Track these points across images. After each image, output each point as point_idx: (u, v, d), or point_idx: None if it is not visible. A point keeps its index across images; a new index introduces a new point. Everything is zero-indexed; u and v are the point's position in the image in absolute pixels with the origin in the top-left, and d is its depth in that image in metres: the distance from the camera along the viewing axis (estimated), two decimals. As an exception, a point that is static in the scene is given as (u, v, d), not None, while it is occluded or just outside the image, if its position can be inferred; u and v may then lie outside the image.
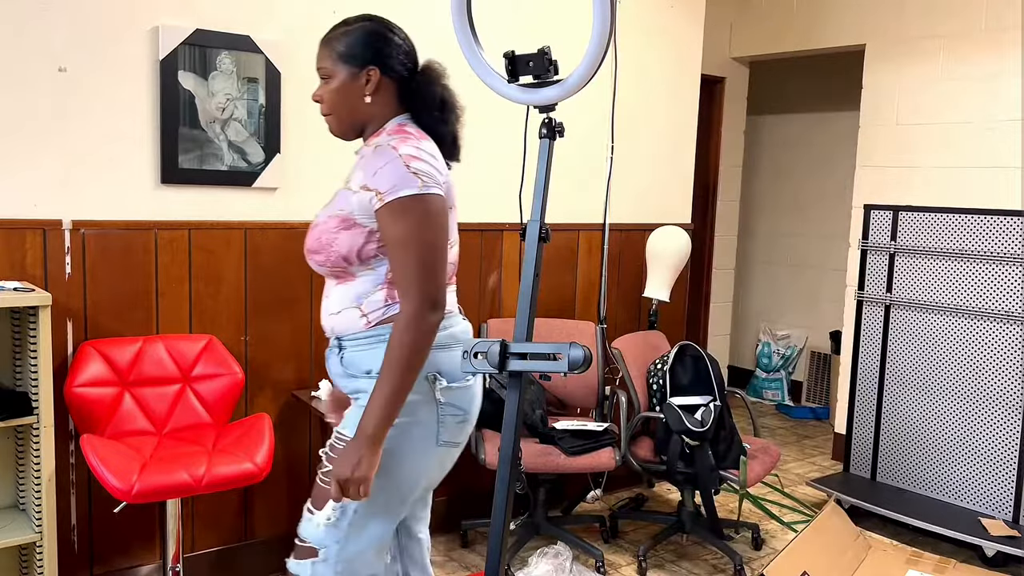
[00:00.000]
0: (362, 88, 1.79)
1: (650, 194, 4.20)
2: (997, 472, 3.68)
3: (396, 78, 1.82)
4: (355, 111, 1.82)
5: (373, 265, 1.77)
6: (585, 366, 1.52)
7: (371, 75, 1.79)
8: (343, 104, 1.81)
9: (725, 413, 3.42)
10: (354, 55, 1.79)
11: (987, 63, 4.17)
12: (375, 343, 1.77)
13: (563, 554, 3.29)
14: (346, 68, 1.80)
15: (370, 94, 1.79)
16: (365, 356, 1.78)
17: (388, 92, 1.82)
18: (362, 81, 1.79)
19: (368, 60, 1.79)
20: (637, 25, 4.03)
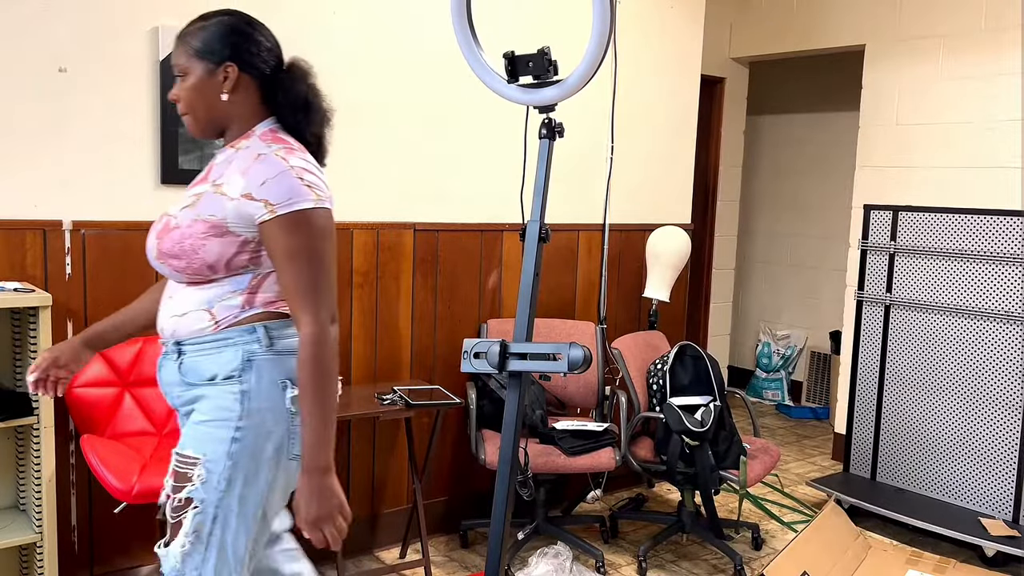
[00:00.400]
0: (219, 85, 1.70)
1: (650, 194, 4.20)
2: (997, 472, 3.68)
3: (257, 76, 1.73)
4: (212, 109, 1.72)
5: (239, 273, 1.69)
6: (585, 366, 1.53)
7: (228, 72, 1.70)
8: (200, 102, 1.71)
9: (725, 413, 3.43)
10: (211, 51, 1.69)
11: (987, 63, 4.17)
12: (222, 347, 1.67)
13: (563, 554, 3.29)
14: (202, 64, 1.70)
15: (228, 92, 1.70)
16: (209, 361, 1.68)
17: (248, 90, 1.73)
18: (219, 78, 1.70)
19: (225, 56, 1.69)
20: (637, 25, 4.03)
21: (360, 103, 3.23)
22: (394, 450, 3.46)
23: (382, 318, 3.36)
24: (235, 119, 1.74)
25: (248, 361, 1.67)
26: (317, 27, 3.08)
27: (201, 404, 1.69)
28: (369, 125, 3.26)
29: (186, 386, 1.70)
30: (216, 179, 1.70)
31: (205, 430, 1.67)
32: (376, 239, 3.31)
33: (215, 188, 1.68)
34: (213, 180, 1.70)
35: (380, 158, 3.30)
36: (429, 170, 3.44)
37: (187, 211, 1.69)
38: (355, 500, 3.37)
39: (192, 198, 1.71)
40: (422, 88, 3.38)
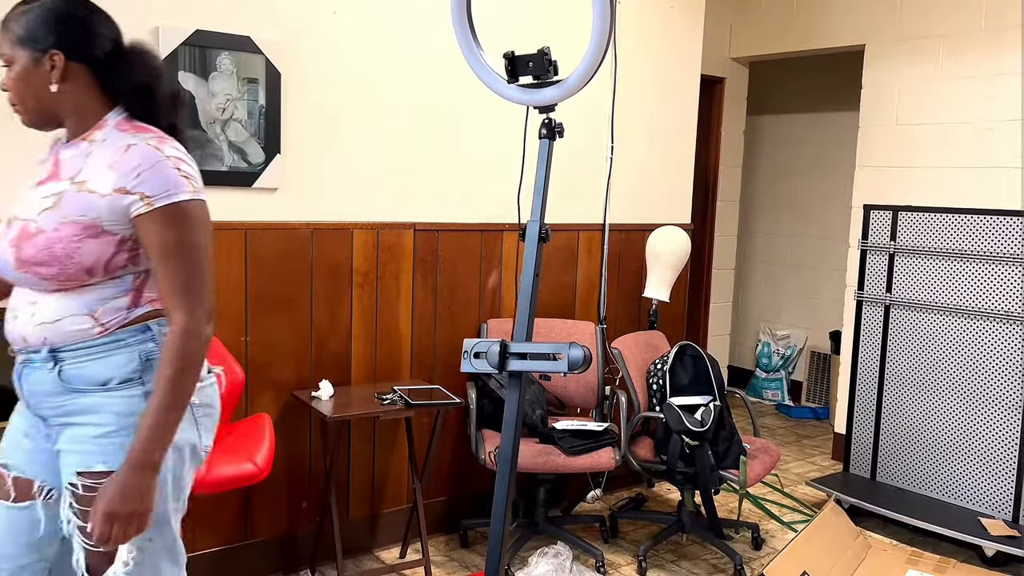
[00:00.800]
0: (46, 75, 1.56)
1: (650, 194, 4.20)
2: (997, 472, 3.68)
3: (90, 63, 1.60)
4: (42, 100, 1.59)
5: (118, 275, 1.59)
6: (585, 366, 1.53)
7: (55, 60, 1.56)
8: (28, 93, 1.58)
9: (725, 413, 3.43)
10: (34, 38, 1.55)
11: (987, 63, 4.17)
12: (113, 350, 1.58)
13: (563, 554, 3.29)
14: (26, 52, 1.56)
15: (56, 82, 1.57)
16: (99, 365, 1.58)
17: (80, 79, 1.59)
18: (46, 67, 1.56)
19: (50, 43, 1.55)
20: (637, 25, 4.03)
21: (360, 103, 3.23)
22: (394, 450, 3.46)
23: (382, 318, 3.36)
24: (72, 110, 1.61)
25: (147, 361, 1.60)
26: (317, 27, 3.08)
27: (96, 416, 1.58)
28: (369, 125, 3.26)
29: (71, 394, 1.58)
30: (74, 176, 1.57)
31: (114, 441, 1.57)
32: (376, 239, 3.31)
33: (77, 186, 1.56)
34: (71, 177, 1.58)
35: (380, 158, 3.30)
36: (429, 170, 3.44)
37: (48, 214, 1.55)
38: (355, 500, 3.38)
39: (50, 199, 1.56)
40: (422, 88, 3.38)
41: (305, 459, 3.23)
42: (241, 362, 2.96)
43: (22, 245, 1.56)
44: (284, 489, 3.19)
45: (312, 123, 3.11)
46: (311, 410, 3.05)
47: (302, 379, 3.17)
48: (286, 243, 3.07)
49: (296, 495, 3.22)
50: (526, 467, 3.18)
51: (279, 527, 3.18)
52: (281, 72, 3.00)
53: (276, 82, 2.99)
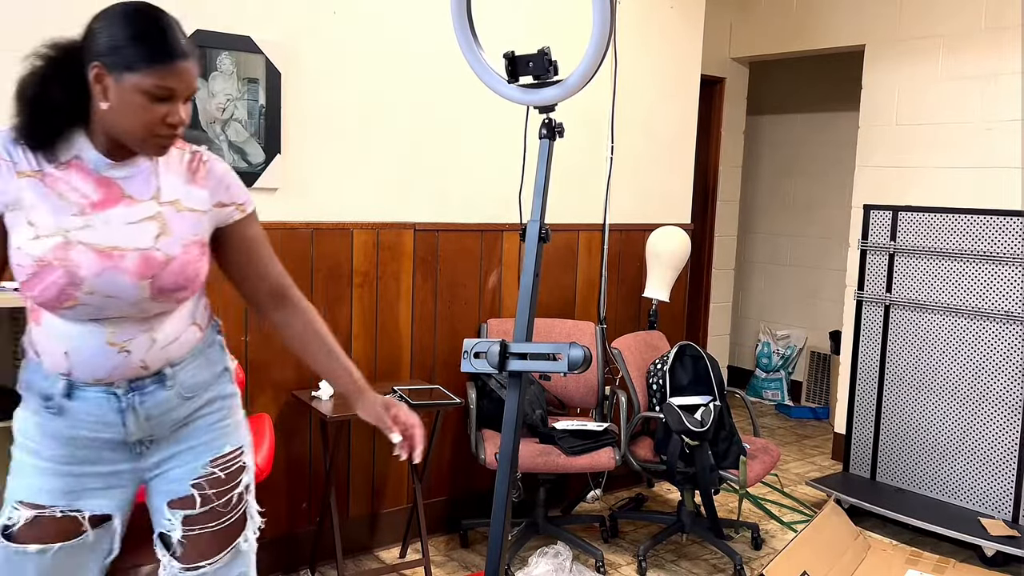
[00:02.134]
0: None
1: (650, 194, 4.20)
2: (997, 472, 3.68)
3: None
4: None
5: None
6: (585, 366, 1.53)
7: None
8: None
9: (725, 413, 3.43)
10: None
11: (987, 63, 4.18)
12: (208, 347, 1.69)
13: (563, 554, 3.29)
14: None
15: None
16: (205, 365, 1.67)
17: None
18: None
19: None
20: (637, 25, 4.03)
21: (360, 103, 3.23)
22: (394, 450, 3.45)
23: (382, 318, 3.36)
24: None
25: (222, 346, 1.74)
26: (317, 27, 3.08)
27: (208, 408, 1.69)
28: (369, 125, 3.26)
29: (186, 401, 1.64)
30: (156, 196, 1.56)
31: (229, 423, 1.71)
32: (376, 239, 3.31)
33: (172, 206, 1.57)
34: (154, 198, 1.55)
35: (380, 158, 3.31)
36: (429, 170, 3.44)
37: (165, 239, 1.54)
38: (355, 500, 3.38)
39: (152, 223, 1.54)
40: (422, 88, 3.38)
41: (305, 459, 3.23)
42: (241, 362, 2.96)
43: (160, 275, 1.53)
44: (284, 489, 3.19)
45: (312, 123, 3.11)
46: (311, 410, 3.05)
47: (302, 379, 3.17)
48: (286, 243, 3.07)
49: (296, 495, 3.22)
50: (526, 467, 3.18)
51: (279, 527, 3.18)
52: (281, 72, 3.00)
53: (276, 82, 2.99)
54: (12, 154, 1.48)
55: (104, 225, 1.50)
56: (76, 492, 1.59)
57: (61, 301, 1.48)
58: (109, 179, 1.53)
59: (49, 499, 1.57)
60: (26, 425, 1.59)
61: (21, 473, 1.58)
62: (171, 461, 1.65)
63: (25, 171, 1.48)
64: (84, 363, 1.52)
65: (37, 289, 1.47)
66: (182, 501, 1.65)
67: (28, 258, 1.46)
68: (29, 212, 1.47)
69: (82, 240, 1.48)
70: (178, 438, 1.66)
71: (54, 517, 1.56)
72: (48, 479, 1.57)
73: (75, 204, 1.49)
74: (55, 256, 1.46)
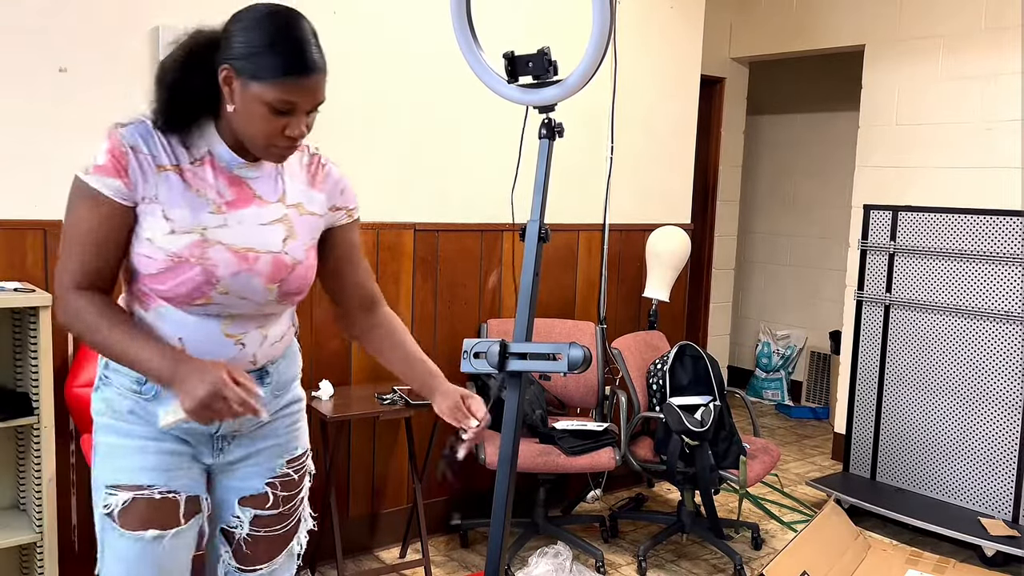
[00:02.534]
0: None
1: (650, 194, 4.20)
2: (997, 472, 3.68)
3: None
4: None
5: None
6: (585, 366, 1.52)
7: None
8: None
9: (725, 413, 3.43)
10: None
11: (987, 63, 4.17)
12: (293, 344, 1.72)
13: (563, 554, 3.29)
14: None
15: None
16: (292, 364, 1.72)
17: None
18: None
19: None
20: (637, 25, 4.03)
21: (360, 103, 3.23)
22: (394, 450, 3.46)
23: (382, 318, 3.36)
24: None
25: (298, 349, 1.75)
26: (317, 27, 3.07)
27: (287, 409, 1.70)
28: (369, 125, 3.26)
29: (274, 400, 1.65)
30: (282, 198, 1.56)
31: (300, 425, 1.74)
32: (376, 239, 3.31)
33: (296, 209, 1.57)
34: (279, 200, 1.55)
35: (380, 158, 3.30)
36: (429, 170, 3.44)
37: (292, 243, 1.55)
38: (355, 500, 3.37)
39: (280, 227, 1.54)
40: (422, 88, 3.38)
41: (305, 459, 3.23)
42: (241, 362, 2.96)
43: (288, 279, 1.55)
44: (284, 489, 3.18)
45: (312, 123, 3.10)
46: (311, 410, 3.05)
47: (302, 379, 3.17)
48: (286, 243, 3.07)
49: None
50: (526, 467, 3.17)
51: (279, 527, 3.18)
52: (281, 72, 2.99)
53: (276, 82, 2.98)
54: (151, 147, 1.46)
55: (239, 225, 1.50)
56: (171, 472, 1.54)
57: (193, 298, 1.47)
58: (240, 178, 1.52)
59: (148, 478, 1.52)
60: (114, 406, 1.54)
61: (113, 455, 1.53)
62: (248, 459, 1.64)
63: (164, 165, 1.46)
64: (200, 352, 1.48)
65: (168, 284, 1.46)
66: (255, 499, 1.65)
67: (161, 252, 1.44)
68: (166, 206, 1.45)
69: (220, 239, 1.47)
70: (257, 436, 1.65)
71: (152, 499, 1.52)
72: (145, 457, 1.53)
73: (211, 202, 1.48)
74: (192, 253, 1.45)
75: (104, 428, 1.55)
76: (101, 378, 1.56)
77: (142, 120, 1.47)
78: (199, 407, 1.37)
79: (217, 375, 1.38)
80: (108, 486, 1.52)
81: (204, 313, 1.50)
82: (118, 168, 1.43)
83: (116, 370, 1.53)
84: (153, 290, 1.48)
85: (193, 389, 1.37)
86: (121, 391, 1.53)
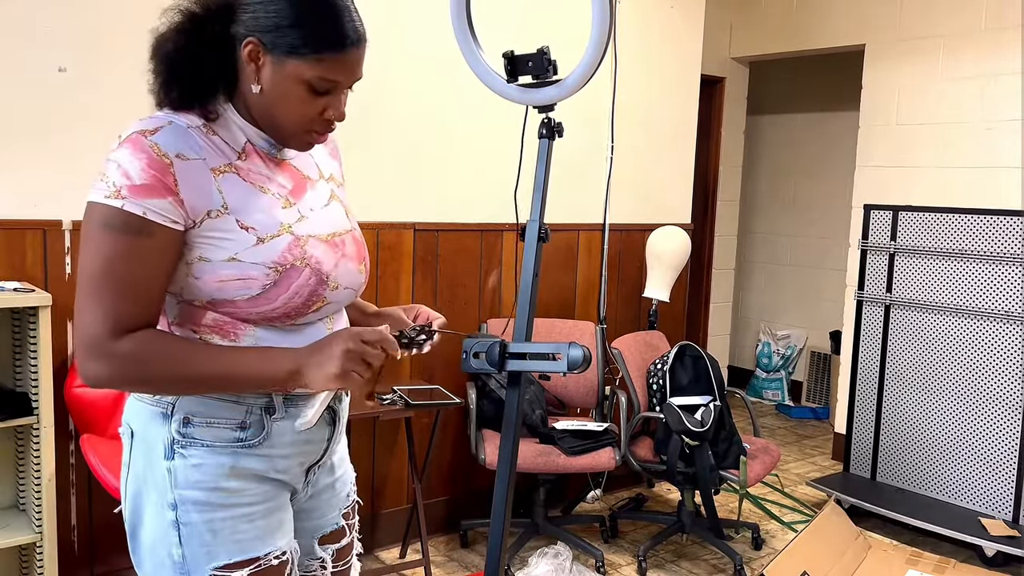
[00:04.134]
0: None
1: (650, 194, 4.20)
2: (997, 472, 3.68)
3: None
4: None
5: None
6: (584, 366, 1.52)
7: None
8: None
9: (725, 413, 3.42)
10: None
11: (987, 63, 4.17)
12: None
13: (563, 554, 3.29)
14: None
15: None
16: None
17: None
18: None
19: None
20: (637, 25, 4.03)
21: (360, 103, 3.21)
22: (394, 450, 3.46)
23: (382, 318, 3.36)
24: None
25: None
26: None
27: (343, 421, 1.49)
28: (369, 125, 3.25)
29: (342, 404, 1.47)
30: (320, 173, 1.42)
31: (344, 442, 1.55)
32: (376, 239, 3.31)
33: (334, 183, 1.44)
34: (320, 177, 1.41)
35: (380, 158, 3.30)
36: (429, 170, 3.44)
37: (352, 217, 1.44)
38: (355, 500, 3.37)
39: (336, 204, 1.40)
40: (422, 88, 3.38)
41: (305, 459, 3.23)
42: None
43: (366, 257, 1.41)
44: (284, 489, 3.18)
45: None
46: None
47: (302, 379, 3.17)
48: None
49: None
50: (526, 467, 3.17)
51: (279, 527, 3.18)
52: (281, 72, 2.99)
53: (276, 82, 2.98)
54: (196, 150, 1.21)
55: (311, 212, 1.32)
56: (279, 531, 1.34)
57: (309, 306, 1.28)
58: (285, 162, 1.34)
59: (262, 546, 1.30)
60: (207, 473, 1.26)
61: (217, 533, 1.27)
62: (323, 492, 1.47)
63: (218, 167, 1.23)
64: None
65: (280, 300, 1.24)
66: (334, 535, 1.48)
67: (256, 268, 1.22)
68: (239, 214, 1.22)
69: (309, 232, 1.29)
70: (333, 464, 1.48)
71: (271, 567, 1.31)
72: (254, 523, 1.30)
73: (278, 196, 1.29)
74: (294, 256, 1.25)
75: (193, 505, 1.26)
76: (175, 440, 1.26)
77: (168, 120, 1.22)
78: (345, 365, 1.18)
79: (342, 333, 1.21)
80: (217, 568, 1.27)
81: (315, 319, 1.32)
82: (164, 184, 1.17)
83: (205, 423, 1.26)
84: (251, 315, 1.25)
85: (331, 353, 1.18)
86: (214, 448, 1.27)
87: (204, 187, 1.20)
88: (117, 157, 1.18)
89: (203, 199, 1.20)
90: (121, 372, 1.18)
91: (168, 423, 1.26)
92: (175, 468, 1.26)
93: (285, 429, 1.32)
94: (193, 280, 1.23)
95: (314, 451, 1.39)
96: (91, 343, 1.17)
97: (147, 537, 1.30)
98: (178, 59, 1.22)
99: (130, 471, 1.32)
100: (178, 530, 1.26)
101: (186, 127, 1.22)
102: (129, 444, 1.32)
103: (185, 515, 1.26)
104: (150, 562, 1.31)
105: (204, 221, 1.20)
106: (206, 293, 1.23)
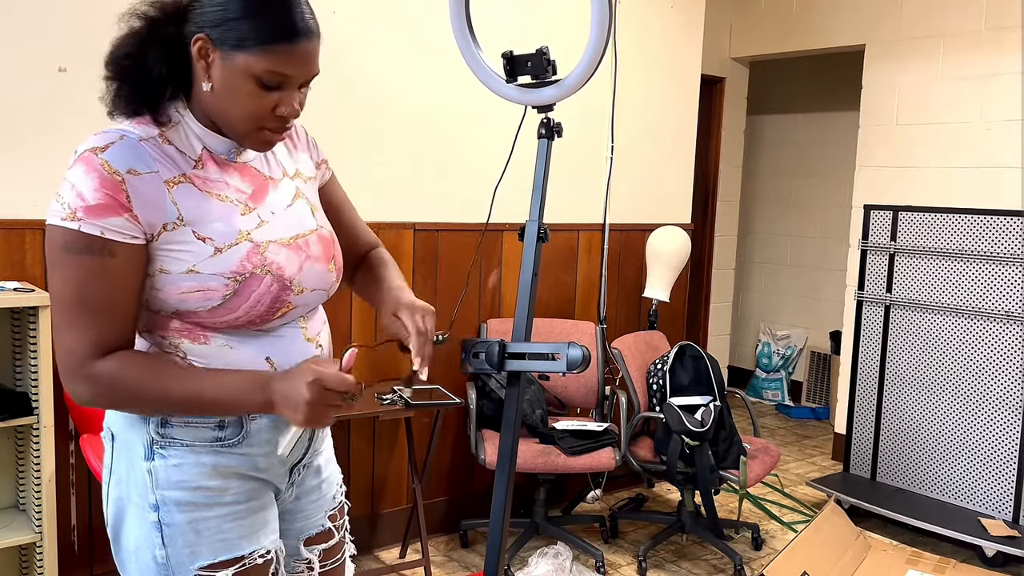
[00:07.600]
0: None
1: (650, 194, 4.20)
2: (997, 472, 3.68)
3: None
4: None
5: None
6: (584, 366, 1.52)
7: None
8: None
9: (725, 413, 3.42)
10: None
11: (987, 63, 4.17)
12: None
13: (563, 554, 3.29)
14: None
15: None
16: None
17: None
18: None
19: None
20: (637, 25, 4.03)
21: (360, 103, 3.22)
22: (394, 450, 3.46)
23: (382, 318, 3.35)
24: None
25: None
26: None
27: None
28: (369, 125, 3.26)
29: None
30: (284, 171, 1.41)
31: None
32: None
33: (301, 178, 1.43)
34: (287, 173, 1.41)
35: (380, 158, 3.30)
36: (429, 170, 3.44)
37: (319, 214, 1.43)
38: (355, 500, 3.37)
39: (302, 202, 1.40)
40: (422, 88, 3.38)
41: (305, 459, 3.23)
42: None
43: (335, 253, 1.41)
44: (284, 489, 3.18)
45: (311, 123, 3.10)
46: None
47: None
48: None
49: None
50: (526, 467, 3.18)
51: (279, 527, 3.18)
52: (281, 72, 2.99)
53: (276, 82, 2.98)
54: (147, 163, 1.20)
55: (272, 216, 1.31)
56: (268, 526, 1.36)
57: (273, 312, 1.28)
58: (244, 165, 1.32)
59: (247, 544, 1.31)
60: (186, 473, 1.27)
61: (199, 533, 1.27)
62: (309, 494, 1.47)
63: (171, 178, 1.22)
64: (291, 365, 1.31)
65: (242, 309, 1.25)
66: (320, 536, 1.49)
67: (215, 279, 1.22)
68: (195, 225, 1.22)
69: (268, 238, 1.28)
70: (319, 466, 1.49)
71: (255, 565, 1.31)
72: (238, 522, 1.30)
73: (237, 202, 1.28)
74: (254, 264, 1.25)
75: (175, 505, 1.26)
76: (154, 441, 1.27)
77: (120, 134, 1.20)
78: (310, 414, 1.19)
79: (307, 375, 1.20)
80: (202, 568, 1.27)
81: (283, 323, 1.33)
82: (118, 202, 1.16)
83: (183, 423, 1.27)
84: (216, 324, 1.26)
85: (297, 400, 1.19)
86: (194, 448, 1.27)
87: (158, 201, 1.20)
88: (71, 176, 1.18)
89: (157, 213, 1.20)
90: (106, 393, 1.21)
91: (147, 424, 1.27)
92: (155, 469, 1.26)
93: (263, 427, 1.32)
94: (156, 292, 1.24)
95: (296, 450, 1.40)
96: (73, 367, 1.20)
97: (130, 540, 1.30)
98: (128, 63, 1.22)
99: (112, 475, 1.32)
100: (161, 531, 1.26)
101: (138, 139, 1.21)
102: (110, 448, 1.32)
103: (168, 515, 1.26)
104: (134, 565, 1.30)
105: (162, 234, 1.21)
106: (170, 304, 1.24)
